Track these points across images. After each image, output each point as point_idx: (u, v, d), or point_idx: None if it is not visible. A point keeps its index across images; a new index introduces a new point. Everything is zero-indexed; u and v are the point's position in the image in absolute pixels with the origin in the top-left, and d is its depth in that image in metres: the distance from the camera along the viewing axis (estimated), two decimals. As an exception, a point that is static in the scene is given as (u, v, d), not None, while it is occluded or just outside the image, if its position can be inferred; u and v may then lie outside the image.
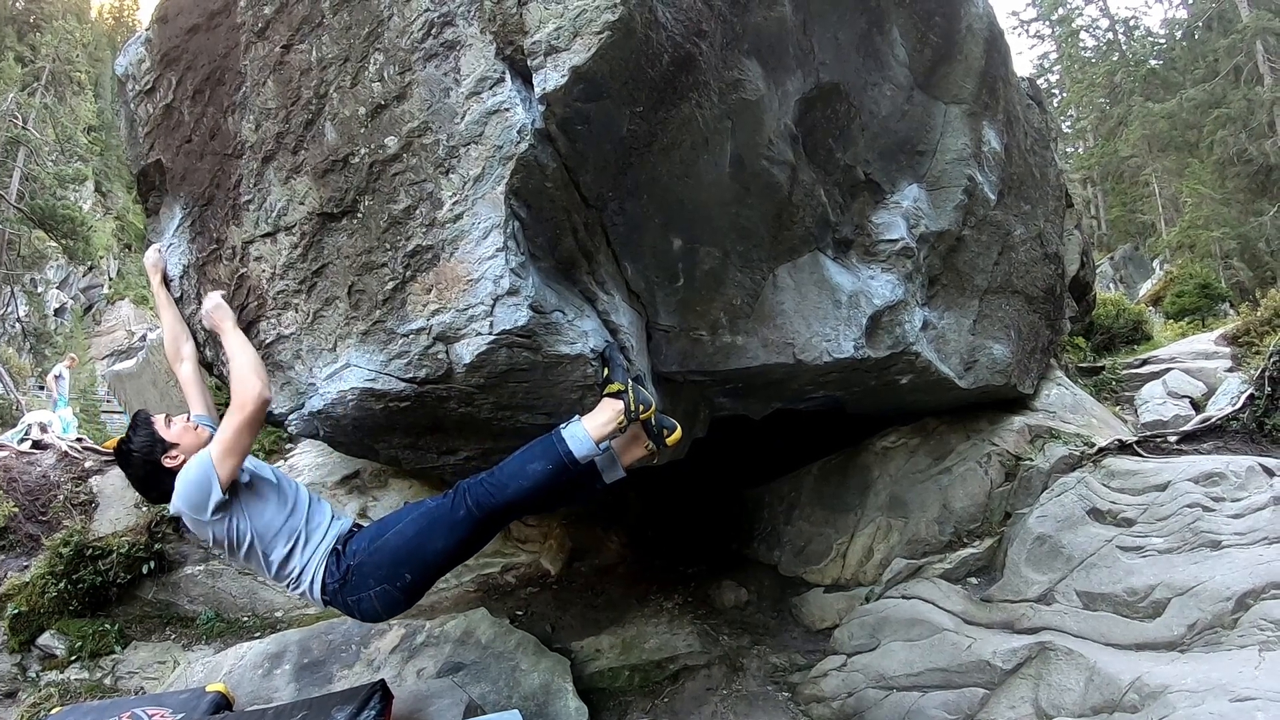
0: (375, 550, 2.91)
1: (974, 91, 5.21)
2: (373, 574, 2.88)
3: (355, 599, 2.92)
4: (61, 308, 41.26)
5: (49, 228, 29.01)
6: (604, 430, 2.92)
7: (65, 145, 33.20)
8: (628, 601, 5.75)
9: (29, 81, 32.63)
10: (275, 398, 3.47)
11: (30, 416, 11.78)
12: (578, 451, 2.87)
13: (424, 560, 2.90)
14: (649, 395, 3.00)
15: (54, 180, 30.12)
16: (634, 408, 2.94)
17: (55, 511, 7.61)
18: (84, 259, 34.24)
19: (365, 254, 3.07)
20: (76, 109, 36.22)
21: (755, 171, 3.64)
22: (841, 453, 6.54)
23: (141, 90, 3.74)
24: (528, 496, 2.91)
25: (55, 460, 9.10)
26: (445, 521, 2.89)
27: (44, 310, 37.30)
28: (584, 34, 2.65)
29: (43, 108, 31.53)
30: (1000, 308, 5.90)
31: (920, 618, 4.97)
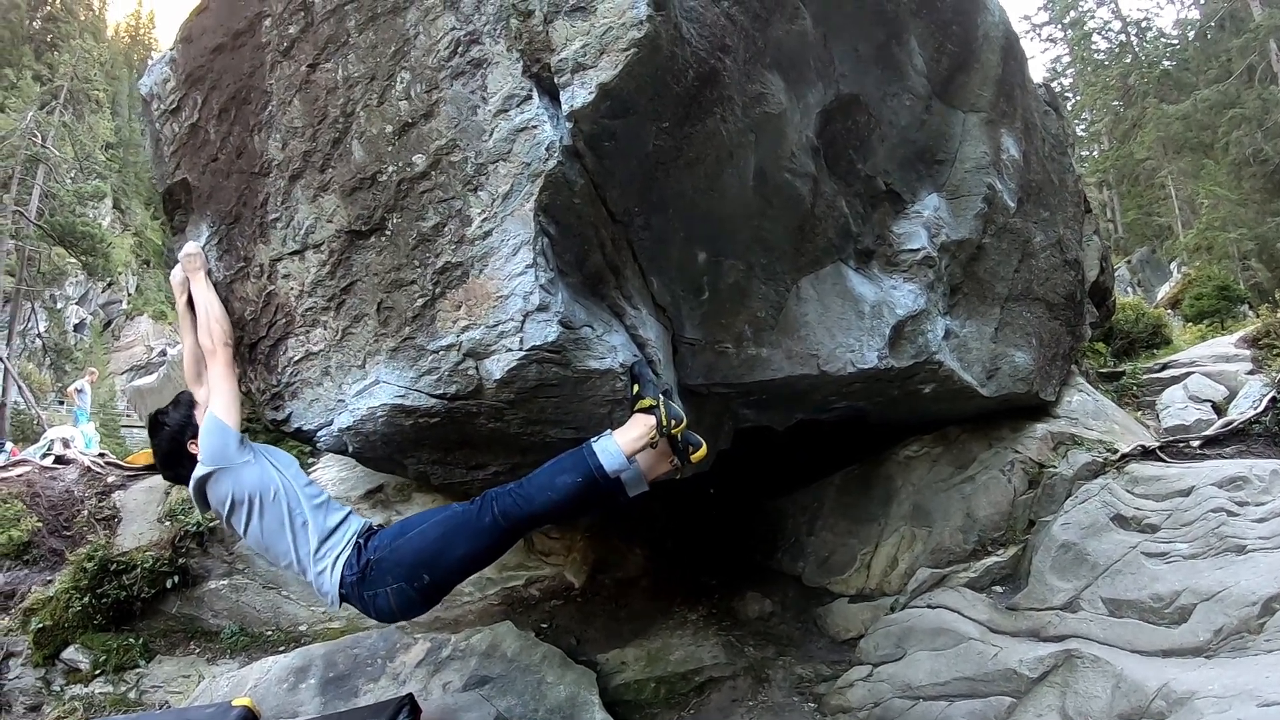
0: (397, 548, 2.90)
1: (992, 99, 5.21)
2: (391, 571, 2.86)
3: (371, 594, 2.90)
4: (81, 323, 41.67)
5: (68, 244, 29.32)
6: (635, 445, 2.89)
7: (84, 163, 33.48)
8: (652, 613, 5.73)
9: (47, 100, 32.96)
10: (304, 414, 3.51)
11: (53, 432, 11.88)
12: (609, 466, 2.84)
13: (444, 564, 2.89)
14: (679, 410, 2.98)
15: (73, 197, 30.35)
16: (666, 422, 2.91)
17: (79, 527, 7.66)
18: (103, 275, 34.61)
19: (394, 271, 3.09)
20: (95, 127, 36.53)
21: (778, 184, 3.66)
22: (864, 463, 6.50)
23: (167, 109, 3.76)
24: (555, 509, 2.91)
25: (78, 475, 9.17)
26: (470, 528, 2.88)
27: (64, 326, 37.67)
28: (611, 51, 2.67)
29: (61, 126, 31.80)
30: (1021, 315, 5.87)
31: (946, 627, 4.94)
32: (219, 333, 3.26)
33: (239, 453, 2.98)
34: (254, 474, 2.98)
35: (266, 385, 3.63)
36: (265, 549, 3.05)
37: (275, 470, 3.02)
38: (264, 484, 2.96)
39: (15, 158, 28.78)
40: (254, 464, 3.00)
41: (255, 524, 2.98)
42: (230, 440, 2.98)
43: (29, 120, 30.10)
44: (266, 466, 3.02)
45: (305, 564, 2.98)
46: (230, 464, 2.97)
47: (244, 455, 3.00)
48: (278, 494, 2.96)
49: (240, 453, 2.99)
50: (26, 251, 29.30)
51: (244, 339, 3.63)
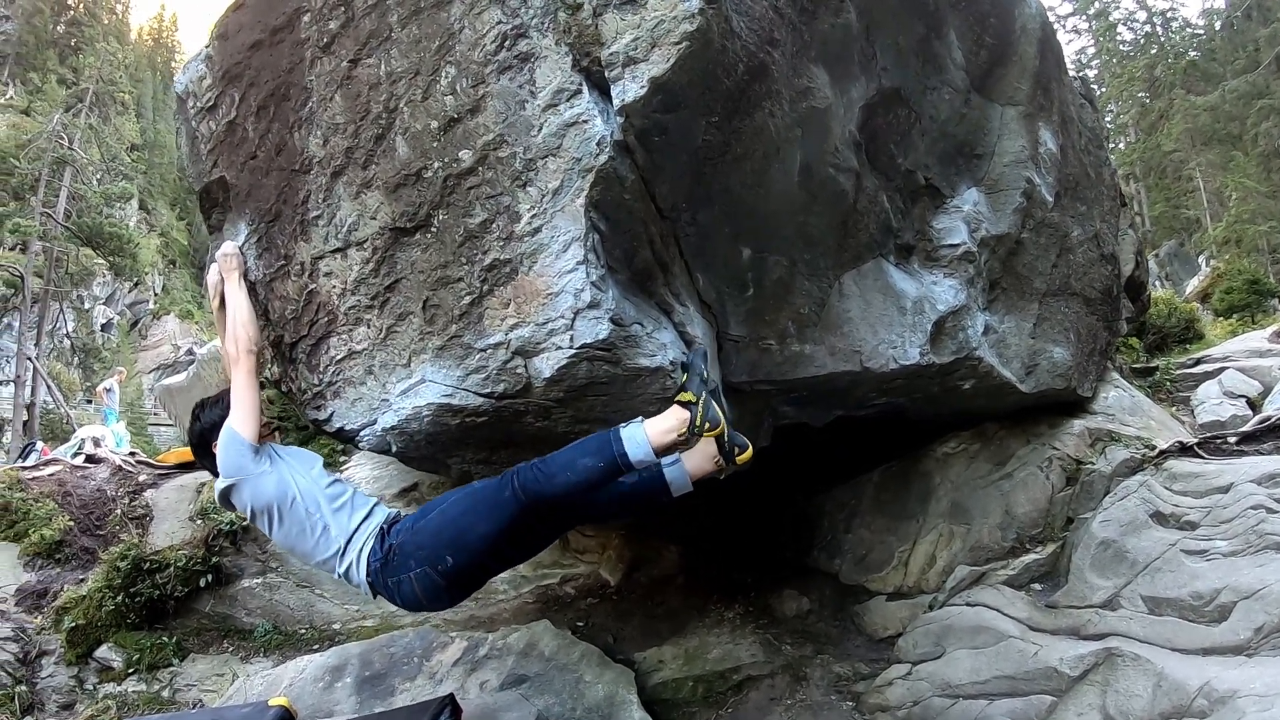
0: (419, 530, 2.87)
1: (1029, 92, 5.15)
2: (414, 554, 2.82)
3: (395, 580, 2.85)
4: (108, 323, 42.24)
5: (96, 245, 29.68)
6: (665, 438, 2.77)
7: (110, 164, 33.82)
8: (688, 611, 5.70)
9: (73, 103, 33.31)
10: (347, 414, 3.49)
11: (83, 431, 11.99)
12: (632, 454, 2.76)
13: (466, 543, 2.81)
14: (719, 414, 2.86)
15: (100, 199, 30.67)
16: (699, 423, 2.79)
17: (111, 526, 7.72)
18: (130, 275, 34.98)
19: (440, 269, 3.05)
20: (120, 128, 36.94)
21: (822, 179, 3.61)
22: (902, 460, 6.44)
23: (203, 107, 3.75)
24: (575, 491, 2.82)
25: (109, 474, 9.24)
26: (490, 502, 2.82)
27: (91, 325, 38.16)
28: (662, 44, 2.63)
29: (87, 128, 32.09)
30: (1059, 310, 5.81)
31: (985, 625, 4.88)
32: (244, 339, 3.20)
33: (254, 464, 2.98)
34: (270, 483, 2.97)
35: (308, 385, 3.61)
36: (292, 550, 3.08)
37: (293, 477, 3.00)
38: (281, 493, 2.96)
39: (42, 160, 29.11)
40: (270, 473, 2.98)
41: (278, 529, 3.01)
42: (245, 453, 2.98)
43: (55, 123, 30.45)
44: (284, 474, 2.99)
45: (332, 564, 2.97)
46: (247, 475, 2.98)
47: (259, 466, 2.99)
48: (295, 501, 2.95)
49: (256, 464, 2.98)
50: (54, 252, 29.59)
51: (284, 338, 3.62)
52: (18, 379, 26.74)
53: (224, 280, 3.46)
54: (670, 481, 3.09)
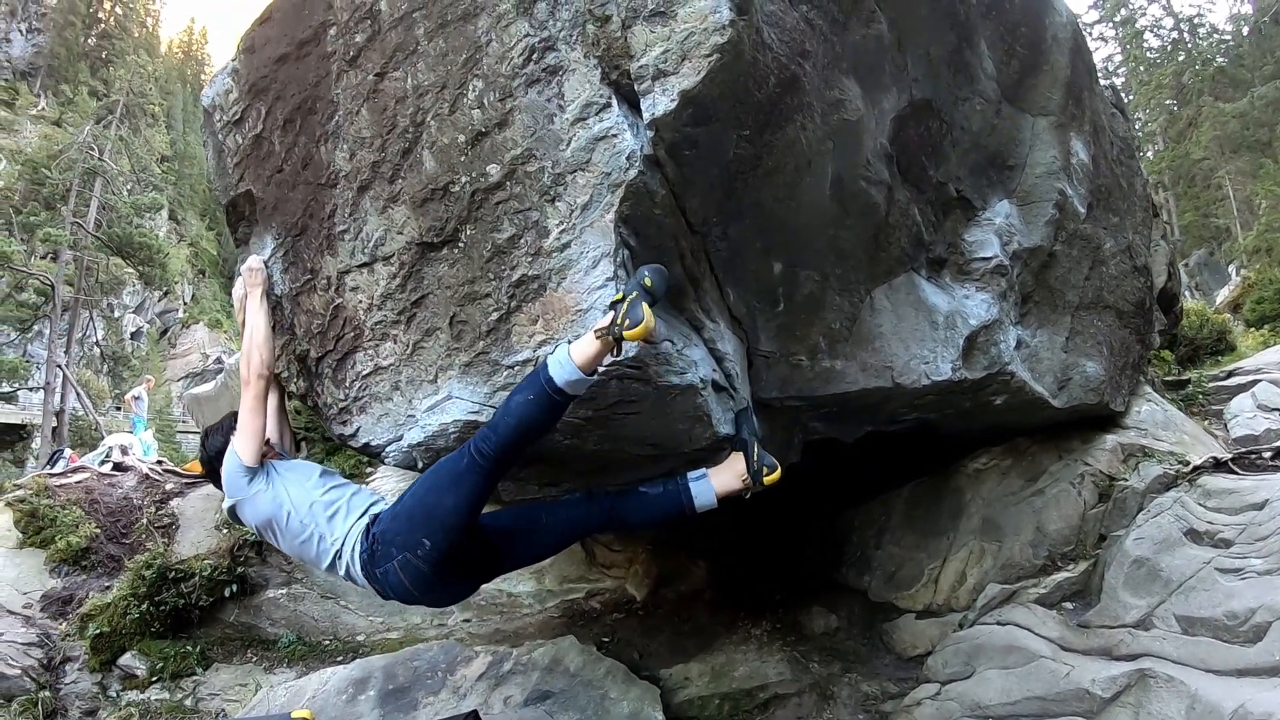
0: (395, 515, 2.90)
1: (1060, 102, 5.08)
2: (394, 541, 2.83)
3: (382, 572, 2.87)
4: (138, 331, 42.83)
5: (126, 254, 30.12)
6: (587, 350, 2.61)
7: (140, 175, 34.31)
8: (715, 628, 5.66)
9: (104, 114, 33.81)
10: (373, 430, 3.47)
11: (111, 439, 12.09)
12: (558, 376, 2.64)
13: (438, 520, 2.79)
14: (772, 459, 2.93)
15: (130, 209, 31.16)
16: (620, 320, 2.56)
17: (138, 534, 7.76)
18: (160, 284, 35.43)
19: (468, 284, 3.02)
20: (150, 140, 37.43)
21: (854, 192, 3.55)
22: (933, 475, 6.38)
23: (229, 121, 3.74)
24: (522, 434, 2.74)
25: (136, 482, 9.31)
26: (453, 473, 2.80)
27: (121, 334, 38.67)
28: (692, 57, 2.58)
29: (118, 139, 32.60)
30: (1092, 324, 5.73)
31: (1016, 644, 4.82)
32: (257, 363, 3.27)
33: (249, 485, 3.08)
34: (266, 501, 3.07)
35: (333, 400, 3.60)
36: (302, 560, 3.24)
37: (287, 491, 3.07)
38: (276, 509, 3.05)
39: (73, 170, 29.59)
40: (265, 491, 3.07)
41: (283, 541, 3.11)
42: (240, 475, 3.08)
43: (86, 134, 30.91)
44: (279, 490, 3.07)
45: (336, 569, 3.02)
46: (244, 496, 3.10)
47: (255, 486, 3.08)
48: (290, 514, 3.03)
49: (250, 485, 3.08)
50: (85, 261, 30.02)
51: (310, 352, 3.61)
52: (47, 386, 27.11)
53: (246, 296, 3.51)
54: (695, 496, 3.06)
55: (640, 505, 3.12)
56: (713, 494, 3.05)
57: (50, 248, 29.44)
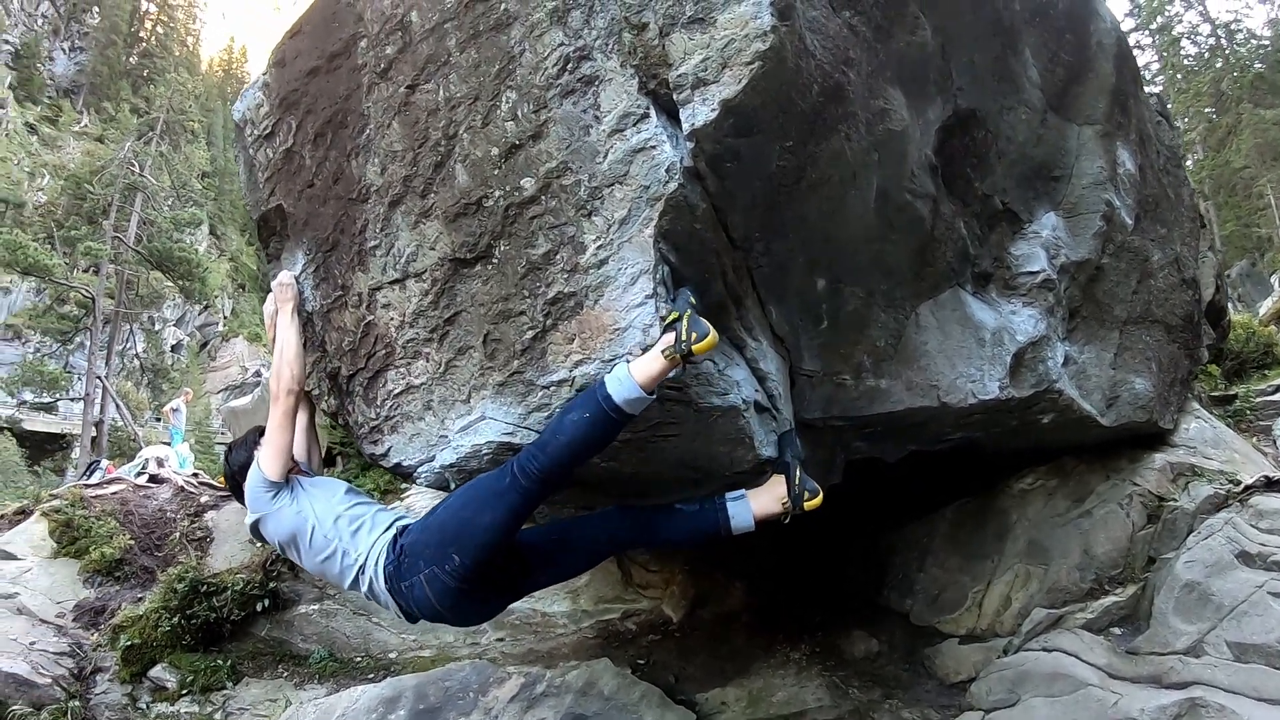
0: (425, 528, 2.82)
1: (1106, 111, 4.94)
2: (422, 555, 2.75)
3: (407, 585, 2.78)
4: (178, 344, 43.70)
5: (166, 269, 30.67)
6: (650, 369, 2.54)
7: (180, 191, 34.96)
8: (753, 651, 5.55)
9: (145, 131, 34.46)
10: (404, 450, 3.40)
11: (147, 451, 12.21)
12: (618, 395, 2.55)
13: (471, 537, 2.69)
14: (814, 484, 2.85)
15: (170, 224, 31.75)
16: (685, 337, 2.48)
17: (171, 547, 7.80)
18: (200, 298, 36.01)
19: (502, 301, 2.95)
20: (190, 156, 38.11)
21: (899, 206, 3.45)
22: (976, 496, 6.24)
23: (260, 135, 3.71)
24: (572, 456, 2.65)
25: (171, 494, 9.39)
26: (492, 491, 2.71)
27: (161, 347, 39.38)
28: (733, 65, 2.49)
29: (158, 155, 33.23)
30: (1140, 339, 5.57)
31: (1062, 671, 4.70)
32: (287, 378, 3.20)
33: (271, 501, 3.03)
34: (288, 516, 3.02)
35: (364, 418, 3.54)
36: (324, 577, 3.12)
37: (312, 506, 3.02)
38: (300, 523, 2.99)
39: (114, 186, 30.17)
40: (289, 506, 3.03)
41: (305, 557, 3.04)
42: (262, 490, 3.04)
43: (127, 150, 31.50)
44: (303, 505, 3.02)
45: (359, 584, 2.94)
46: (266, 512, 3.05)
47: (278, 501, 3.04)
48: (314, 529, 2.97)
49: (274, 500, 3.04)
50: (125, 275, 30.54)
51: (341, 370, 3.55)
52: (87, 397, 27.55)
53: (277, 311, 3.46)
54: (731, 518, 2.96)
55: (674, 523, 3.04)
56: (750, 516, 2.95)
57: (91, 261, 30.03)
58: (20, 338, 37.02)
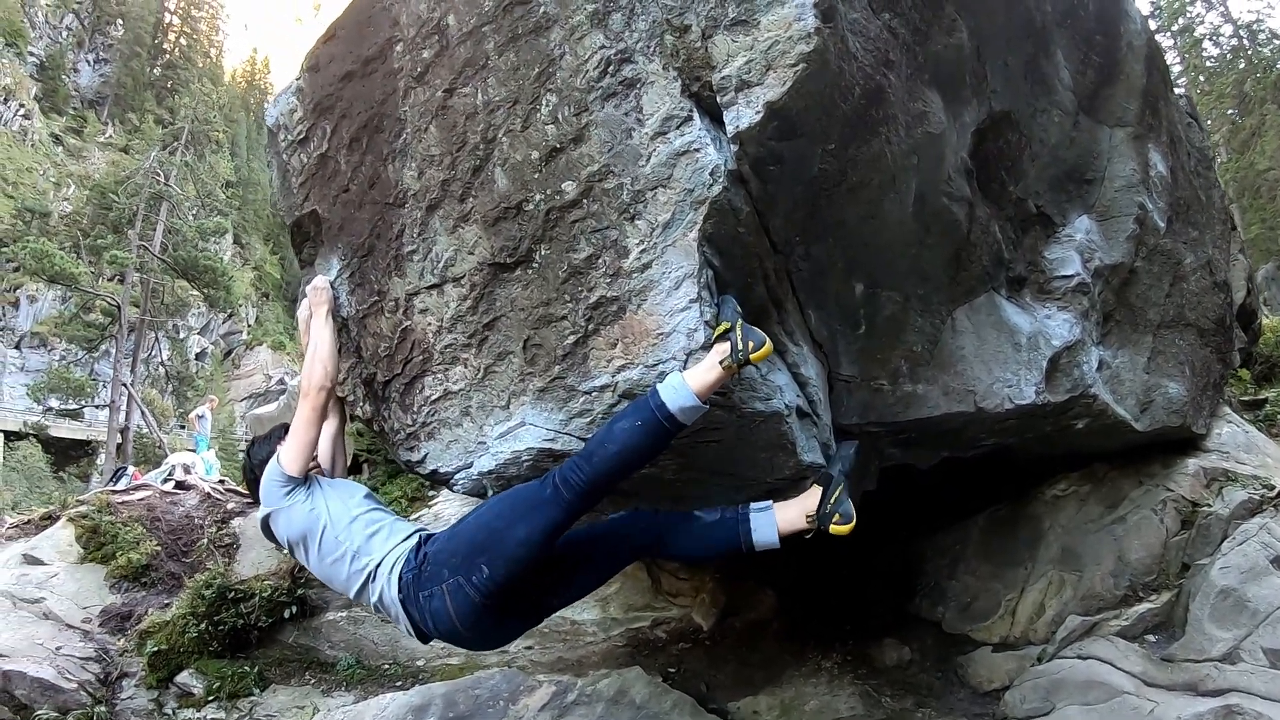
0: (454, 535, 2.71)
1: (1137, 113, 4.92)
2: (447, 563, 2.62)
3: (426, 595, 2.63)
4: (202, 352, 44.23)
5: (191, 277, 31.02)
6: (705, 378, 2.51)
7: (205, 200, 35.30)
8: (784, 659, 5.52)
9: (169, 141, 34.80)
10: (441, 456, 3.38)
11: (174, 458, 12.30)
12: (673, 404, 2.49)
13: (503, 549, 2.56)
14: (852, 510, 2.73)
15: (195, 233, 32.01)
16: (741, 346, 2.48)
17: (199, 553, 7.84)
18: (224, 307, 36.33)
19: (542, 306, 2.94)
20: (215, 166, 38.44)
21: (936, 209, 3.43)
22: (1009, 503, 6.20)
23: (294, 140, 3.71)
24: (619, 468, 2.58)
25: (198, 501, 9.44)
26: (530, 502, 2.62)
27: (186, 355, 39.84)
28: (777, 67, 2.49)
29: (183, 165, 33.53)
30: (1173, 343, 5.54)
31: (1097, 679, 4.66)
32: (318, 375, 3.12)
33: (286, 495, 2.94)
34: (301, 514, 2.93)
35: (400, 425, 3.51)
36: (329, 582, 2.98)
37: (326, 505, 2.93)
38: (312, 521, 2.89)
39: (140, 196, 30.50)
40: (302, 504, 2.94)
41: (314, 559, 2.92)
42: (278, 484, 2.95)
43: (153, 160, 31.85)
44: (318, 503, 2.93)
45: (367, 592, 2.83)
46: (279, 507, 2.96)
47: (293, 497, 2.94)
48: (326, 528, 2.87)
49: (289, 495, 2.94)
50: (150, 284, 30.82)
51: (377, 376, 3.54)
52: (113, 404, 27.86)
53: (311, 315, 3.43)
54: (754, 530, 2.83)
55: (691, 536, 2.92)
56: (775, 532, 2.82)
57: (117, 270, 30.35)
58: (46, 345, 37.56)
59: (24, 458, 27.58)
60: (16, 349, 37.85)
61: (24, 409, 32.82)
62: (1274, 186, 35.61)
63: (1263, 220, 36.96)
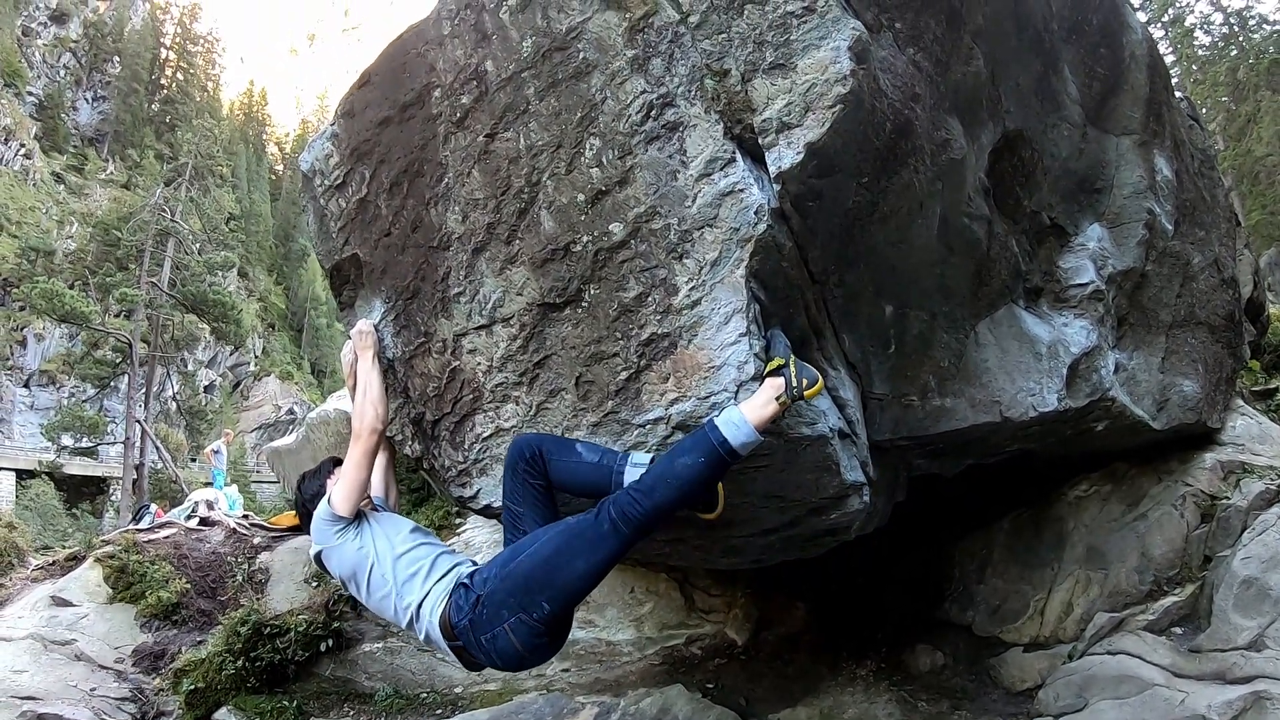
0: (507, 575, 2.63)
1: (1142, 120, 5.03)
2: (505, 603, 2.58)
3: (490, 636, 2.61)
4: (211, 385, 44.16)
5: (200, 311, 31.10)
6: (763, 412, 2.57)
7: (211, 234, 35.31)
8: (819, 670, 5.58)
9: (172, 177, 34.88)
10: (495, 492, 3.42)
11: (196, 494, 12.33)
12: (734, 439, 2.52)
13: (563, 584, 2.57)
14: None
15: (202, 267, 32.09)
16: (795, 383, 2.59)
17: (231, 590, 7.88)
18: (233, 340, 36.29)
19: (594, 344, 3.02)
20: (219, 200, 38.49)
21: (958, 230, 3.55)
22: (1032, 505, 6.29)
23: (331, 185, 3.77)
24: (677, 499, 2.58)
25: (224, 537, 9.49)
26: (587, 538, 2.58)
27: (196, 388, 39.75)
28: (816, 108, 2.59)
29: (188, 200, 33.60)
30: (1186, 342, 5.65)
31: (1128, 673, 4.78)
32: (371, 418, 3.14)
33: (336, 535, 2.98)
34: (350, 553, 2.96)
35: (451, 462, 3.58)
36: (381, 613, 3.01)
37: (374, 543, 2.96)
38: (360, 560, 2.93)
39: (146, 232, 30.56)
40: (351, 543, 2.97)
41: (364, 594, 2.97)
42: (328, 524, 2.99)
43: (158, 196, 31.96)
44: (366, 542, 2.96)
45: (415, 631, 2.85)
46: (329, 545, 3.00)
47: (343, 536, 2.98)
48: (374, 566, 2.91)
49: (339, 534, 2.98)
50: (159, 319, 30.82)
51: (425, 415, 3.61)
52: (127, 440, 27.81)
53: (357, 358, 3.46)
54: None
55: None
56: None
57: (125, 306, 30.32)
58: (55, 383, 37.63)
59: (36, 495, 27.53)
60: (25, 387, 37.96)
61: (34, 447, 32.87)
62: (1272, 172, 35.59)
63: (1263, 206, 36.91)
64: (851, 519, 3.56)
